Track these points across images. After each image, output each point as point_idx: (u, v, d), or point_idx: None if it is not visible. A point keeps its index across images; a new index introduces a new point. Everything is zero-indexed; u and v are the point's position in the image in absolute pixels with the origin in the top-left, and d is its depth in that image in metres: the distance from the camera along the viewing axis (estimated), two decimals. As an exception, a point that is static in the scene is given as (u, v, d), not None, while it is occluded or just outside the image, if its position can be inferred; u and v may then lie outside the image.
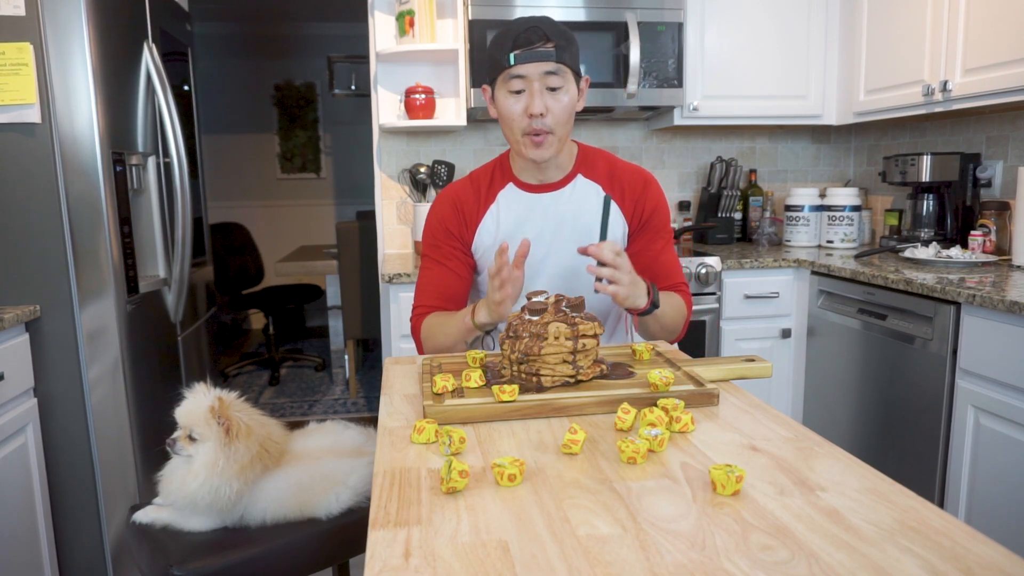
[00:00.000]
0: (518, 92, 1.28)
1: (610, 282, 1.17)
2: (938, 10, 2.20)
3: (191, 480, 1.12)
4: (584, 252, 1.20)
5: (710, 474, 0.71)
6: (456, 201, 1.43)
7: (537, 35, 1.25)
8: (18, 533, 1.70)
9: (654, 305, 1.26)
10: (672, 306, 1.36)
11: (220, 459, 1.11)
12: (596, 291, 1.17)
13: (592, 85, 2.45)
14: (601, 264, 1.17)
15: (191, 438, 1.14)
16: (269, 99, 5.50)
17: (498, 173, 1.44)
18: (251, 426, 1.15)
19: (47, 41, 1.73)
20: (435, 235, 1.44)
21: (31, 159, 1.75)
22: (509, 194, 1.42)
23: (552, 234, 1.39)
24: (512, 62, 1.25)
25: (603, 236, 1.23)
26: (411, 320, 1.44)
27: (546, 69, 1.26)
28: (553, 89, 1.27)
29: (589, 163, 1.43)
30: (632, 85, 2.45)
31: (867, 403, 2.18)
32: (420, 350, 1.42)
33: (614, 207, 1.40)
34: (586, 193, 1.40)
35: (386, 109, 2.68)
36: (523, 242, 1.19)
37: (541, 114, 1.27)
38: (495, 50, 1.29)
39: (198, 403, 1.14)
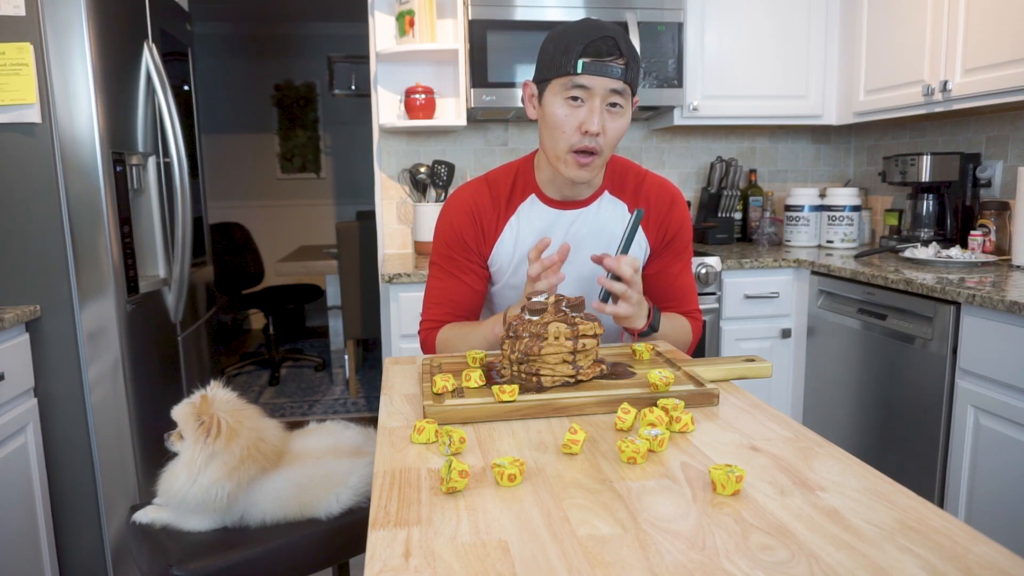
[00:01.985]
0: (575, 100, 1.17)
1: (615, 300, 1.13)
2: (938, 10, 2.20)
3: (174, 479, 1.12)
4: (598, 261, 1.15)
5: (710, 474, 0.71)
6: (474, 211, 1.34)
7: (610, 48, 1.14)
8: (18, 533, 1.70)
9: (652, 328, 1.23)
10: (676, 331, 1.32)
11: (197, 458, 1.10)
12: (595, 308, 1.13)
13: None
14: (615, 278, 1.12)
15: (182, 436, 1.14)
16: (269, 99, 5.50)
17: (520, 182, 1.34)
18: (233, 427, 1.13)
19: (47, 41, 1.73)
20: (450, 246, 1.35)
21: (31, 159, 1.75)
22: (531, 208, 1.33)
23: (571, 253, 1.30)
24: (580, 70, 1.14)
25: (624, 251, 1.17)
26: (420, 333, 1.38)
27: (614, 87, 1.16)
28: (613, 107, 1.18)
29: (618, 178, 1.35)
30: (632, 85, 2.45)
31: (867, 403, 2.18)
32: None
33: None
34: (610, 213, 1.34)
35: (386, 109, 2.68)
36: (563, 246, 1.15)
37: (597, 133, 1.17)
38: (558, 51, 1.16)
39: (192, 401, 1.14)
